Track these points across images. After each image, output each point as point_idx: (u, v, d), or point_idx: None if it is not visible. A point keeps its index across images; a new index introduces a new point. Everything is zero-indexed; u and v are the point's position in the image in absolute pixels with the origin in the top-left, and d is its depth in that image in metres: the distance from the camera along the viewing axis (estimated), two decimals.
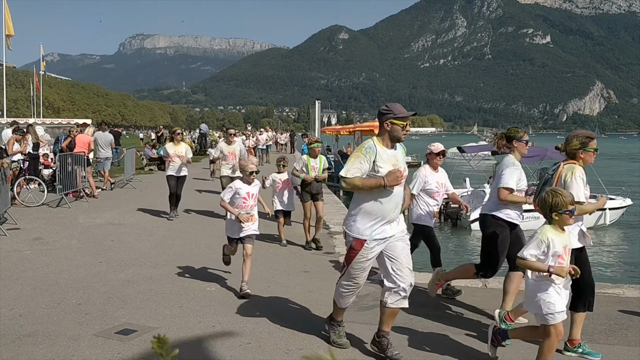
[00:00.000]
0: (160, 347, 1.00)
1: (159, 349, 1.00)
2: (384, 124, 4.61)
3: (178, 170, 11.97)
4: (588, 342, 5.10)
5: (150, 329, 5.17)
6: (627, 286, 7.23)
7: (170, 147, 12.04)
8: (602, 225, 17.28)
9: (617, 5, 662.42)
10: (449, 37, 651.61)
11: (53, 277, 6.93)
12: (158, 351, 1.00)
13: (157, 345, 1.00)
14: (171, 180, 11.93)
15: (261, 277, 7.16)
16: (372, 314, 5.84)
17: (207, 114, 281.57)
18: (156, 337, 1.01)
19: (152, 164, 24.63)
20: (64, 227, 10.45)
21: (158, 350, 1.00)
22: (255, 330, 5.23)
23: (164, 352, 1.01)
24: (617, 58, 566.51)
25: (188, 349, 4.74)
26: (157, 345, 1.00)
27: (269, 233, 10.21)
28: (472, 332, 5.34)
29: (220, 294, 6.38)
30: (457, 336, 5.22)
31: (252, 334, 5.10)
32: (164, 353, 1.01)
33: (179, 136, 12.23)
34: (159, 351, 1.00)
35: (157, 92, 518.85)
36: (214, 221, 11.61)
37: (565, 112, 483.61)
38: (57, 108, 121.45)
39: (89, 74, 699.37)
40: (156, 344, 1.00)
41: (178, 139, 12.13)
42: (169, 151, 11.96)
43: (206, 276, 7.15)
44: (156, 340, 1.01)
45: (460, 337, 5.19)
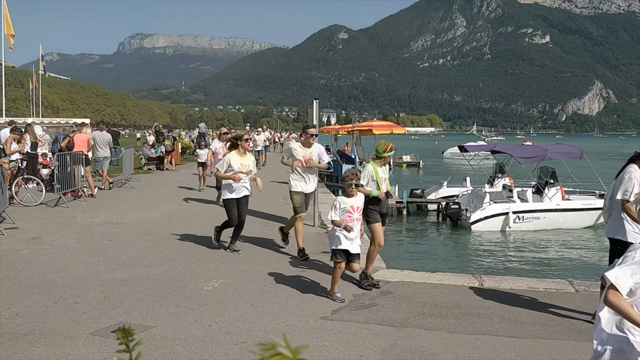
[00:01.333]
0: (124, 338, 1.01)
1: (124, 340, 1.01)
2: None
3: (239, 191, 8.50)
4: (584, 340, 5.12)
5: (147, 328, 5.18)
6: None
7: (235, 159, 8.41)
8: (602, 224, 17.30)
9: (617, 5, 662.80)
10: (449, 36, 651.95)
11: (50, 276, 6.94)
12: (123, 342, 1.01)
13: (121, 336, 1.01)
14: (232, 207, 8.48)
15: (258, 277, 7.17)
16: (369, 312, 5.85)
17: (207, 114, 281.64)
18: (121, 328, 1.02)
19: (150, 163, 24.63)
20: (61, 227, 10.45)
21: (123, 341, 1.01)
22: (251, 329, 5.24)
23: (128, 343, 1.01)
24: (616, 58, 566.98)
25: (184, 347, 4.75)
26: (121, 336, 1.01)
27: (267, 234, 10.23)
28: (468, 332, 5.35)
29: (216, 294, 6.39)
30: (453, 335, 5.24)
31: (248, 333, 5.11)
32: (128, 344, 1.01)
33: (247, 143, 8.76)
34: (124, 342, 1.01)
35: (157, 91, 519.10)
36: (212, 221, 11.60)
37: (564, 111, 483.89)
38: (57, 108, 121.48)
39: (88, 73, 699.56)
40: (121, 334, 1.01)
41: (246, 147, 8.69)
42: (234, 165, 8.36)
43: (203, 275, 7.16)
44: (121, 331, 1.01)
45: (456, 337, 5.21)
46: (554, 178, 17.67)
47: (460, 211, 17.45)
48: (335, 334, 5.17)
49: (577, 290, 6.84)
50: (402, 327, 5.41)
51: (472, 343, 5.03)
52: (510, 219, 16.49)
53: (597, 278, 11.04)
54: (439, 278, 7.42)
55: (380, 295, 6.51)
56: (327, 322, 5.52)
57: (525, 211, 16.77)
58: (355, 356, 4.68)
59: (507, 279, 7.76)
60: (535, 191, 17.56)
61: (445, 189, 20.33)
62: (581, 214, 17.17)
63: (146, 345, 4.75)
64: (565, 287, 6.96)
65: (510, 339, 5.16)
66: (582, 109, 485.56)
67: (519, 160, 17.45)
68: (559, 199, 17.04)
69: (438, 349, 4.87)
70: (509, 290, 6.83)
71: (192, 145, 34.69)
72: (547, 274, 11.64)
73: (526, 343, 5.06)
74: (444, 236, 16.86)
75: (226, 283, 6.83)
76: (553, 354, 4.83)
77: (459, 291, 6.73)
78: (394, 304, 6.17)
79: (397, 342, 5.01)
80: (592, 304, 6.29)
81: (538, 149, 19.73)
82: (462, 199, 18.57)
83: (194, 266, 7.64)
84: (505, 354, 4.81)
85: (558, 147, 18.89)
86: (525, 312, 5.97)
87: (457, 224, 17.42)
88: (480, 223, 16.50)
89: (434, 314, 5.85)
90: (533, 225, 16.69)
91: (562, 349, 4.93)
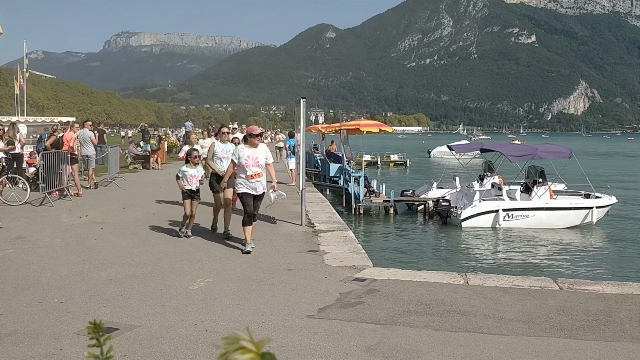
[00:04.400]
0: (95, 333, 1.02)
1: (94, 335, 1.01)
2: None
3: None
4: (567, 337, 5.18)
5: (132, 327, 5.17)
6: (606, 283, 7.33)
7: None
8: (589, 223, 17.47)
9: (601, 6, 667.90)
10: (435, 36, 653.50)
11: (35, 276, 6.89)
12: (94, 336, 1.01)
13: (92, 331, 1.02)
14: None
15: (244, 276, 7.17)
16: (355, 310, 5.87)
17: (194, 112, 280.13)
18: (92, 323, 1.02)
19: (136, 162, 24.50)
20: (46, 226, 10.38)
21: (94, 335, 1.01)
22: (238, 328, 5.24)
23: (99, 337, 1.02)
24: (601, 58, 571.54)
25: (170, 347, 4.75)
26: (92, 330, 1.02)
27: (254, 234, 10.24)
28: (453, 330, 5.38)
29: (202, 293, 6.38)
30: (438, 332, 5.27)
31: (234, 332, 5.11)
32: (99, 338, 1.02)
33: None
34: (94, 336, 1.01)
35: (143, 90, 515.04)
36: (197, 220, 11.57)
37: (550, 111, 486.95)
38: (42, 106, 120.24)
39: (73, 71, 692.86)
40: (91, 329, 1.02)
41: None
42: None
43: (189, 274, 7.15)
44: (92, 326, 1.02)
45: (441, 334, 5.24)
46: (542, 177, 17.82)
47: (450, 208, 17.55)
48: (321, 332, 5.19)
49: (561, 288, 6.90)
50: (388, 325, 5.43)
51: (457, 340, 5.07)
52: (500, 217, 16.64)
53: (581, 276, 11.15)
54: (425, 276, 7.47)
55: (366, 293, 6.54)
56: (314, 320, 5.53)
57: (515, 209, 16.93)
58: (341, 354, 4.69)
59: (492, 276, 7.81)
60: (524, 190, 17.70)
61: (435, 190, 20.35)
62: (569, 212, 17.34)
63: (132, 345, 4.75)
64: (550, 285, 7.03)
65: (494, 336, 5.20)
66: (567, 109, 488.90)
67: (510, 158, 17.60)
68: (548, 197, 17.20)
69: (423, 347, 4.90)
70: (494, 287, 6.88)
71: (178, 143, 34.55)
72: (532, 272, 11.73)
73: (510, 340, 5.11)
74: (433, 234, 16.93)
75: (212, 282, 6.82)
76: (537, 351, 4.87)
77: (445, 289, 6.77)
78: (380, 302, 6.19)
79: (382, 340, 5.04)
80: (575, 301, 6.36)
81: (529, 147, 19.90)
82: (452, 196, 18.67)
83: (180, 265, 7.63)
84: (489, 351, 4.85)
85: (548, 147, 19.07)
86: (509, 310, 6.02)
87: (446, 221, 17.51)
88: (471, 220, 16.64)
89: (419, 312, 5.89)
90: (522, 223, 16.85)
91: (545, 346, 4.98)
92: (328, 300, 6.21)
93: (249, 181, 8.44)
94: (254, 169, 8.43)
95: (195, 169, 9.51)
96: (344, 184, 21.02)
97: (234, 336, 0.82)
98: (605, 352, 4.88)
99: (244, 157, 8.41)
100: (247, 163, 8.39)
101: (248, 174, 8.41)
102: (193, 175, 9.46)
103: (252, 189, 8.48)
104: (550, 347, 4.97)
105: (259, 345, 0.81)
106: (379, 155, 45.21)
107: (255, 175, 8.44)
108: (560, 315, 5.85)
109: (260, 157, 8.51)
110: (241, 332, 0.83)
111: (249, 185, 8.47)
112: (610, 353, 4.85)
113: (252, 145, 8.60)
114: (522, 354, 4.81)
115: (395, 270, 7.86)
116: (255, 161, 8.43)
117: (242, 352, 0.81)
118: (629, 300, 6.41)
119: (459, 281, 7.15)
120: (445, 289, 6.76)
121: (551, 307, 6.06)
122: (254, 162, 8.43)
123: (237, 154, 8.56)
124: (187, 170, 9.45)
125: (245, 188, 8.49)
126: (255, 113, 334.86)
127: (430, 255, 14.17)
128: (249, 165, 8.42)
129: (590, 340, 5.13)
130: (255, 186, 8.50)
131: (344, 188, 20.96)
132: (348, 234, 10.36)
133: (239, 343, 0.81)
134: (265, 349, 0.82)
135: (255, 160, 8.44)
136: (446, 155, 41.00)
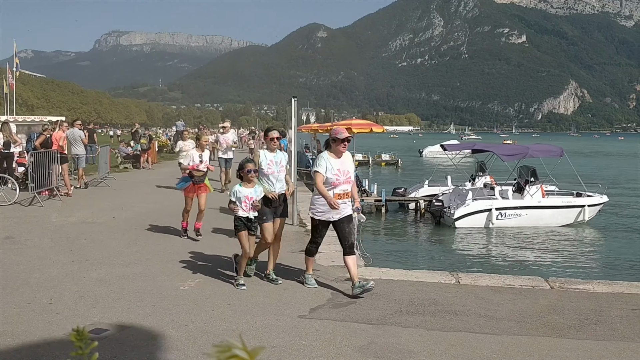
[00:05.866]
0: (79, 340, 0.99)
1: (78, 342, 0.99)
2: None
3: None
4: (558, 337, 5.19)
5: (122, 328, 5.12)
6: (597, 282, 7.35)
7: None
8: (581, 221, 17.58)
9: (591, 6, 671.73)
10: (426, 36, 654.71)
11: (23, 277, 6.83)
12: (77, 344, 0.99)
13: (75, 338, 0.99)
14: None
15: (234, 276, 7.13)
16: (347, 310, 5.86)
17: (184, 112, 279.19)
18: (75, 330, 1.00)
19: (127, 162, 24.38)
20: (36, 226, 10.29)
21: (77, 343, 0.99)
22: (228, 328, 5.22)
23: (83, 345, 0.99)
24: (590, 58, 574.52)
25: (160, 348, 4.71)
26: (75, 338, 0.99)
27: None
28: (445, 330, 5.38)
29: (193, 293, 6.34)
30: (430, 332, 5.26)
31: (225, 333, 5.08)
32: (82, 346, 0.99)
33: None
34: (78, 344, 0.99)
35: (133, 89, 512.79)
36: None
37: (540, 111, 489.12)
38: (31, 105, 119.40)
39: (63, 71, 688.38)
40: (74, 336, 0.99)
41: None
42: None
43: (179, 275, 7.10)
44: (75, 333, 1.00)
45: (433, 334, 5.23)
46: (534, 176, 17.92)
47: (443, 208, 17.60)
48: (312, 332, 5.17)
49: (552, 287, 6.92)
50: (380, 325, 5.42)
51: (448, 340, 5.07)
52: (493, 216, 16.73)
53: (573, 275, 11.20)
54: (417, 275, 7.46)
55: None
56: (305, 320, 5.51)
57: (508, 208, 17.03)
58: (333, 354, 4.67)
59: (484, 275, 7.82)
60: (516, 189, 17.78)
61: (426, 187, 20.45)
62: (561, 211, 17.45)
63: (121, 346, 4.70)
64: (541, 284, 7.04)
65: (486, 336, 5.20)
66: (557, 108, 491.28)
67: (502, 157, 17.70)
68: (540, 196, 17.30)
69: (415, 346, 4.89)
70: (485, 287, 6.89)
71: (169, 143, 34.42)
72: (524, 271, 11.77)
73: (502, 340, 5.11)
74: (424, 233, 16.96)
75: (203, 282, 6.78)
76: (528, 350, 4.88)
77: (436, 288, 6.77)
78: (371, 301, 6.18)
79: (374, 340, 5.02)
80: (566, 300, 6.38)
81: (520, 147, 20.01)
82: (445, 197, 18.75)
83: (170, 265, 7.58)
84: (481, 350, 4.85)
85: (539, 146, 19.21)
86: (501, 309, 6.02)
87: (439, 221, 17.56)
88: (464, 219, 16.72)
89: (411, 312, 5.88)
90: (515, 222, 16.95)
91: (537, 346, 4.98)
92: (320, 300, 6.19)
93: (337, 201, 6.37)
94: (344, 187, 6.46)
95: (252, 188, 6.74)
96: None
97: (227, 344, 0.78)
98: (596, 351, 4.89)
99: (333, 171, 6.41)
100: (338, 179, 6.39)
101: (336, 192, 6.38)
102: (250, 196, 6.70)
103: (336, 213, 6.44)
104: (542, 346, 4.97)
105: (253, 353, 0.78)
106: (371, 155, 45.29)
107: (345, 194, 6.49)
108: (552, 314, 5.86)
109: (351, 171, 6.57)
110: (234, 339, 0.79)
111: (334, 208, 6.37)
112: (602, 352, 4.86)
113: (337, 155, 6.50)
114: (513, 353, 4.81)
115: (387, 270, 7.85)
116: (346, 176, 6.47)
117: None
118: (619, 299, 6.43)
119: (451, 280, 7.16)
120: (437, 289, 6.76)
121: (542, 306, 6.07)
122: (345, 177, 6.46)
123: (323, 165, 6.43)
124: (241, 191, 6.69)
125: (329, 213, 6.46)
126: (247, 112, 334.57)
127: (422, 255, 14.20)
128: (340, 182, 6.42)
129: (582, 340, 5.14)
130: (342, 208, 6.48)
131: None
132: None
133: (232, 351, 0.77)
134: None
135: (346, 175, 6.47)
136: (438, 155, 41.14)
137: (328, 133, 7.70)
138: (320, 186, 6.37)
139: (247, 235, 6.70)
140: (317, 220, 6.55)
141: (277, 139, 7.14)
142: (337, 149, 6.48)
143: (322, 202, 6.40)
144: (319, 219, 6.54)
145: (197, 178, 9.46)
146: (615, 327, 5.47)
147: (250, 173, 6.65)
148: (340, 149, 6.46)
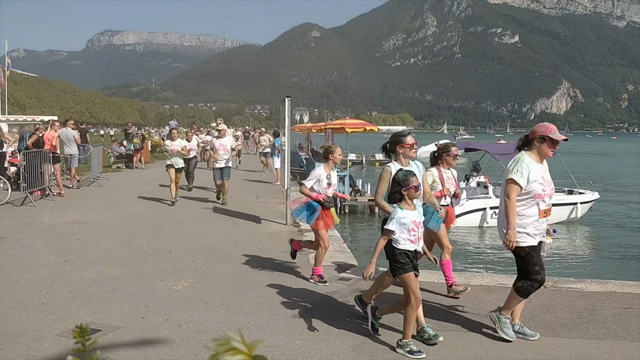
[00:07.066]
0: (81, 337, 0.98)
1: (80, 339, 0.98)
2: None
3: None
4: (551, 335, 5.20)
5: (115, 329, 5.10)
6: (590, 281, 7.38)
7: None
8: (573, 219, 17.64)
9: (583, 6, 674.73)
10: (420, 36, 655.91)
11: (15, 277, 6.79)
12: (79, 341, 0.98)
13: (78, 335, 0.98)
14: None
15: (229, 276, 7.12)
16: (340, 310, 5.85)
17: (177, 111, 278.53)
18: (78, 327, 0.99)
19: (119, 162, 24.30)
20: (28, 226, 10.24)
21: (79, 340, 0.98)
22: (222, 328, 5.20)
23: (84, 342, 0.98)
24: (583, 58, 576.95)
25: (154, 348, 4.69)
26: (78, 334, 0.98)
27: (237, 233, 10.17)
28: (438, 329, 5.38)
29: (186, 293, 6.32)
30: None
31: (219, 333, 5.06)
32: (84, 342, 0.98)
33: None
34: (80, 341, 0.98)
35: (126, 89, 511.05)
36: (181, 220, 11.50)
37: (533, 110, 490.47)
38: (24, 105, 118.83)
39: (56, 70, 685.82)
40: (77, 333, 0.98)
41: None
42: None
43: (173, 275, 7.08)
44: (78, 330, 0.99)
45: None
46: None
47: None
48: (306, 332, 5.16)
49: (545, 286, 6.92)
50: (387, 328, 5.41)
51: (442, 339, 5.07)
52: (487, 215, 16.76)
53: (565, 274, 11.23)
54: None
55: (351, 292, 6.51)
56: (299, 320, 5.50)
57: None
58: (327, 354, 4.67)
59: (477, 275, 7.84)
60: None
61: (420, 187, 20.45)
62: (554, 209, 17.48)
63: (114, 347, 4.68)
64: None
65: (479, 335, 5.21)
66: (550, 108, 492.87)
67: (495, 156, 17.73)
68: None
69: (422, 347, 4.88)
70: (479, 286, 6.90)
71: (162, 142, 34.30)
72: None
73: (495, 339, 5.12)
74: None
75: (196, 282, 6.76)
76: (521, 349, 4.89)
77: (430, 288, 6.79)
78: None
79: (368, 339, 5.03)
80: (559, 299, 6.39)
81: (513, 146, 20.06)
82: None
83: (164, 265, 7.55)
84: (474, 350, 4.85)
85: None
86: (494, 308, 6.02)
87: None
88: (459, 219, 16.74)
89: (404, 311, 5.86)
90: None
91: (530, 345, 4.99)
92: (313, 300, 6.18)
93: (539, 221, 5.02)
94: (549, 201, 5.12)
95: (415, 210, 4.98)
96: None
97: (225, 337, 0.79)
98: (589, 349, 4.90)
99: (538, 180, 4.99)
100: (544, 190, 4.99)
101: (541, 208, 5.02)
102: (417, 221, 4.95)
103: (535, 234, 5.01)
104: (535, 345, 4.99)
105: (251, 347, 0.78)
106: (364, 155, 45.28)
107: (549, 211, 5.12)
108: (545, 313, 5.88)
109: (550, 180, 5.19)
110: (232, 333, 0.80)
111: (540, 228, 5.06)
112: (594, 351, 4.88)
113: (541, 158, 5.15)
114: (507, 352, 4.82)
115: (380, 269, 7.83)
116: (550, 187, 5.18)
117: (233, 353, 0.78)
118: (612, 298, 6.46)
119: (444, 279, 7.15)
120: (430, 288, 6.77)
121: (536, 305, 6.08)
122: (550, 188, 5.13)
123: (525, 171, 5.00)
124: (407, 215, 4.86)
125: (539, 236, 5.08)
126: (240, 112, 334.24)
127: None
128: (547, 194, 5.04)
129: (575, 338, 5.16)
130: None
131: None
132: (333, 233, 10.34)
133: (230, 344, 0.78)
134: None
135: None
136: None
137: (323, 132, 7.66)
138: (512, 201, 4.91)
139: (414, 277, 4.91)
140: (529, 246, 4.97)
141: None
142: (543, 151, 5.05)
143: (529, 222, 4.93)
144: (530, 245, 4.97)
145: (327, 202, 7.13)
146: (608, 326, 5.49)
147: (418, 191, 4.96)
148: (548, 153, 5.04)
